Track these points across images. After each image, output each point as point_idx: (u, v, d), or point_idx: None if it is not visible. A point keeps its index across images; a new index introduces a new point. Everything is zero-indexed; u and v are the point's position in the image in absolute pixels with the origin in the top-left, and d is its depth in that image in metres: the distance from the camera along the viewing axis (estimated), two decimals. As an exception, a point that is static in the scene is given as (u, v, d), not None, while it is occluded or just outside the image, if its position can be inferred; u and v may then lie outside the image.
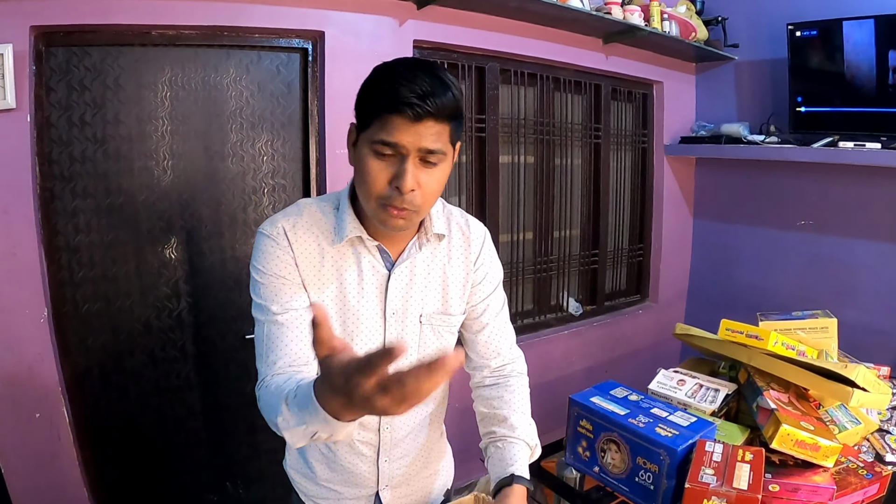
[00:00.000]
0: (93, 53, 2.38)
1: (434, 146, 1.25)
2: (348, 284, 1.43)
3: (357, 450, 1.56)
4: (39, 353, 2.33)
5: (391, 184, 1.26)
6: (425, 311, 1.52)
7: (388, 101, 1.21)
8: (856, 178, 3.65)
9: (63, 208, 2.40)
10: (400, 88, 1.19)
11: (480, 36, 3.27)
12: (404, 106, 1.19)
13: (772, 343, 2.03)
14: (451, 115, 1.26)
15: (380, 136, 1.23)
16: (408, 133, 1.22)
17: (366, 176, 1.27)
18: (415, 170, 1.26)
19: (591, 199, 4.25)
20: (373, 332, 1.47)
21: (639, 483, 1.71)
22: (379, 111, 1.23)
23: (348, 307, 1.44)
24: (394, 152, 1.24)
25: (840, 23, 3.44)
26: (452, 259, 1.56)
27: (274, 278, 1.40)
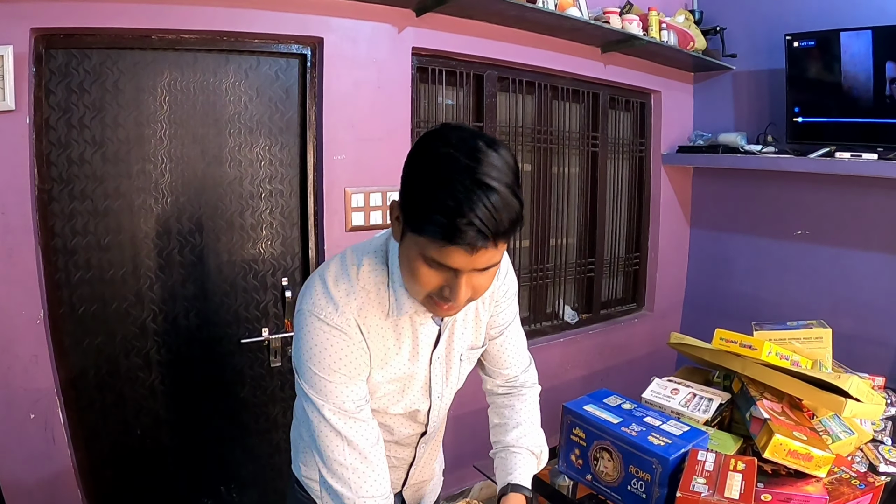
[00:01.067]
0: (92, 56, 2.39)
1: (491, 262, 1.19)
2: (405, 349, 1.42)
3: (391, 464, 1.60)
4: (35, 354, 2.33)
5: (443, 290, 1.21)
6: (464, 348, 1.55)
7: (444, 232, 1.09)
8: (852, 188, 3.67)
9: (61, 210, 2.40)
10: (460, 223, 1.07)
11: (479, 44, 3.28)
12: (463, 241, 1.09)
13: (765, 353, 2.03)
14: (510, 233, 1.16)
15: (433, 255, 1.15)
16: (466, 260, 1.14)
17: (416, 276, 1.21)
18: (467, 282, 1.20)
19: (587, 207, 4.25)
20: (420, 375, 1.47)
21: (631, 491, 1.72)
22: (434, 235, 1.11)
23: (405, 367, 1.43)
24: (447, 269, 1.18)
25: (838, 34, 3.46)
26: (485, 296, 1.53)
27: (346, 378, 1.33)
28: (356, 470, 1.33)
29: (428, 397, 1.52)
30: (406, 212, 1.18)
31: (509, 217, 1.11)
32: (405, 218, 1.19)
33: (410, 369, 1.44)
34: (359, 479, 1.33)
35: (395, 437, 1.57)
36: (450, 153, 1.11)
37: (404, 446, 1.62)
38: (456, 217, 1.07)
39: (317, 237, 2.91)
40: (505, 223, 1.11)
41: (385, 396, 1.45)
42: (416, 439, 1.62)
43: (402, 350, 1.41)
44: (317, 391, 1.33)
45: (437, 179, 1.10)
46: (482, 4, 2.97)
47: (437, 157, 1.12)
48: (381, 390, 1.43)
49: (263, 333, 2.82)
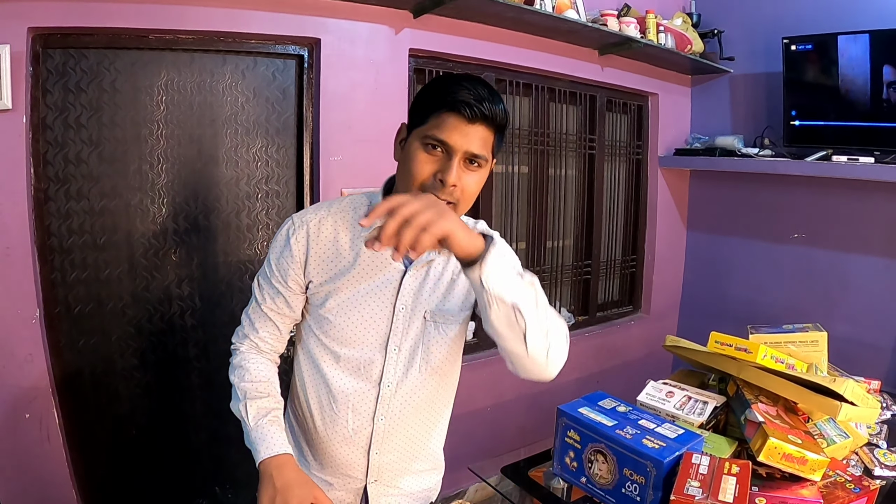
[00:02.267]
0: (89, 56, 2.39)
1: (479, 151, 1.38)
2: (363, 275, 1.54)
3: (350, 439, 1.62)
4: (31, 353, 2.33)
5: (435, 176, 1.37)
6: (429, 309, 1.59)
7: (447, 100, 1.35)
8: (849, 192, 3.67)
9: (57, 210, 2.40)
10: (460, 90, 1.34)
11: (476, 46, 3.28)
12: (462, 105, 1.33)
13: (760, 356, 2.03)
14: (499, 125, 1.41)
15: (433, 132, 1.36)
16: (459, 133, 1.35)
17: (413, 165, 1.39)
18: (459, 168, 1.37)
19: (584, 209, 4.26)
20: (380, 324, 1.57)
21: (625, 494, 1.71)
22: (437, 108, 1.36)
23: (359, 297, 1.55)
24: (443, 150, 1.37)
25: (835, 37, 3.46)
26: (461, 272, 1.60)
27: (278, 276, 1.57)
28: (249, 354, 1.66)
29: (384, 349, 1.57)
30: (412, 119, 1.44)
31: (498, 105, 1.39)
32: (411, 125, 1.45)
33: (367, 298, 1.55)
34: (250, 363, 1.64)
35: (348, 396, 1.60)
36: (445, 75, 1.47)
37: (360, 414, 1.61)
38: (458, 88, 1.35)
39: (313, 238, 2.90)
40: (495, 105, 1.38)
41: (341, 326, 1.56)
42: (371, 405, 1.61)
43: (363, 270, 1.55)
44: (263, 276, 1.61)
45: (441, 82, 1.43)
46: (480, 6, 2.97)
47: (436, 79, 1.49)
48: (334, 317, 1.56)
49: (259, 334, 2.82)
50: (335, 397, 1.60)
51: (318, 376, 1.63)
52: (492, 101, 1.37)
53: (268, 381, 1.62)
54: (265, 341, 1.66)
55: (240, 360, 1.64)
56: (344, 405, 1.60)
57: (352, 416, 1.61)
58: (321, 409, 1.63)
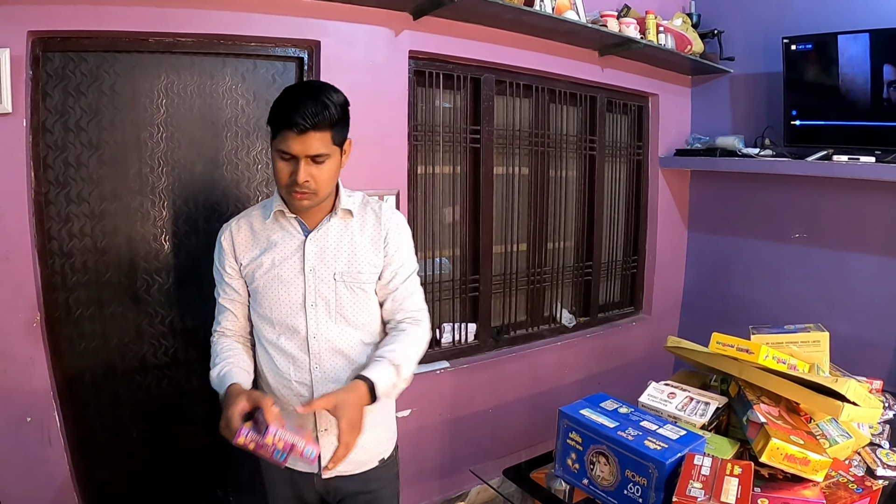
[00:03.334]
0: (89, 59, 2.39)
1: (318, 151, 1.73)
2: (275, 248, 1.91)
3: (297, 392, 1.93)
4: (31, 356, 2.33)
5: (291, 177, 1.75)
6: (338, 270, 1.91)
7: (282, 120, 1.70)
8: (850, 191, 3.67)
9: (57, 213, 2.40)
10: (289, 112, 1.68)
11: (476, 47, 3.28)
12: (292, 124, 1.68)
13: (762, 357, 2.03)
14: (330, 125, 1.73)
15: (280, 146, 1.73)
16: (296, 143, 1.71)
17: (276, 172, 1.78)
18: (306, 167, 1.73)
19: (585, 210, 4.26)
20: (296, 286, 1.90)
21: (627, 496, 1.71)
22: (278, 127, 1.72)
23: (275, 265, 1.90)
24: (290, 156, 1.74)
25: (835, 37, 3.46)
26: (364, 231, 1.96)
27: (220, 269, 1.98)
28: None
29: (303, 306, 1.90)
30: (270, 133, 1.77)
31: (322, 113, 1.69)
32: (270, 138, 1.78)
33: (280, 265, 1.90)
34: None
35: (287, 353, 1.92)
36: (289, 87, 1.83)
37: (299, 367, 1.92)
38: (286, 112, 1.69)
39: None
40: (320, 115, 1.69)
41: (268, 292, 1.91)
42: (305, 357, 1.91)
43: (272, 245, 1.91)
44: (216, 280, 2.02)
45: (279, 99, 1.76)
46: (479, 8, 2.97)
47: (280, 95, 1.78)
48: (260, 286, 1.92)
49: (260, 336, 2.82)
50: (278, 358, 1.93)
51: (263, 344, 1.96)
52: (315, 112, 1.68)
53: (227, 350, 1.95)
54: (227, 328, 2.01)
55: (212, 349, 1.98)
56: (285, 362, 1.92)
57: (293, 370, 1.92)
58: (272, 372, 1.94)
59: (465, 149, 3.51)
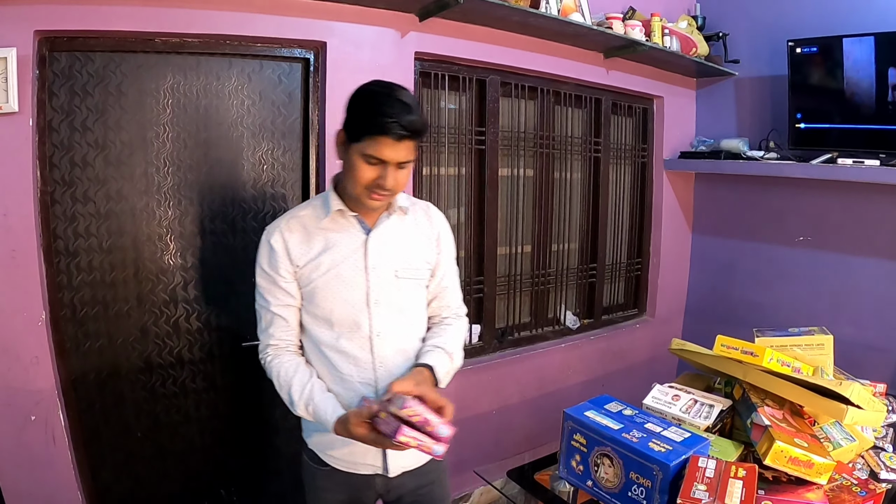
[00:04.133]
0: (96, 59, 2.40)
1: (406, 158, 1.75)
2: (335, 247, 1.88)
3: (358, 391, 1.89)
4: (36, 356, 2.34)
5: (375, 181, 1.75)
6: (399, 267, 1.93)
7: (378, 127, 1.67)
8: (854, 194, 3.66)
9: (63, 212, 2.41)
10: (387, 119, 1.66)
11: (482, 49, 3.28)
12: (390, 130, 1.67)
13: (766, 360, 2.03)
14: (420, 133, 1.74)
15: (370, 151, 1.71)
16: (390, 150, 1.70)
17: (357, 173, 1.75)
18: (393, 172, 1.75)
19: (589, 212, 4.25)
20: (358, 285, 1.88)
21: (631, 498, 1.71)
22: (370, 132, 1.69)
23: (336, 265, 1.87)
24: (378, 161, 1.72)
25: (840, 40, 3.46)
26: (418, 228, 2.01)
27: (273, 274, 1.88)
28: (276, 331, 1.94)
29: (367, 301, 1.88)
30: (349, 131, 1.76)
31: (418, 120, 1.71)
32: (349, 137, 1.76)
33: (342, 266, 1.87)
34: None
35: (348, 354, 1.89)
36: (373, 89, 1.77)
37: (362, 367, 1.90)
38: (384, 117, 1.66)
39: (318, 241, 2.91)
40: (416, 123, 1.70)
41: (329, 292, 1.87)
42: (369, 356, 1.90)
43: (333, 246, 1.88)
44: (260, 287, 1.94)
45: (369, 103, 1.73)
46: (485, 10, 2.97)
47: (367, 92, 1.77)
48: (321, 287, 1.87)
49: (264, 337, 2.82)
50: (338, 360, 1.89)
51: (320, 348, 1.91)
52: (413, 121, 1.68)
53: (296, 369, 1.89)
54: (282, 339, 1.93)
55: (271, 371, 1.91)
56: (346, 364, 1.89)
57: (356, 371, 1.89)
58: (332, 376, 1.90)
59: (471, 150, 3.51)
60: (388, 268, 1.91)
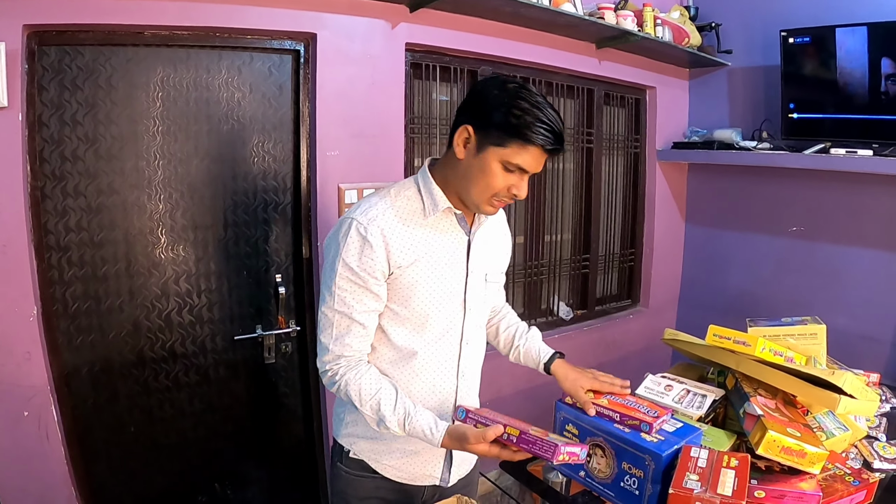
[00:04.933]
0: (85, 53, 2.38)
1: (541, 168, 1.64)
2: (439, 250, 1.72)
3: (439, 398, 1.82)
4: (28, 351, 2.33)
5: (509, 189, 1.62)
6: (489, 270, 1.87)
7: (532, 135, 1.53)
8: (847, 185, 3.67)
9: (54, 207, 2.39)
10: (543, 126, 1.53)
11: (473, 39, 3.27)
12: (546, 142, 1.54)
13: (759, 349, 2.03)
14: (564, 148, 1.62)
15: (515, 160, 1.57)
16: (536, 162, 1.58)
17: (491, 180, 1.60)
18: (526, 183, 1.64)
19: (582, 203, 4.25)
20: (458, 288, 1.77)
21: (624, 488, 1.72)
22: (520, 138, 1.54)
23: (438, 270, 1.72)
24: (517, 169, 1.59)
25: (833, 30, 3.45)
26: (497, 230, 1.95)
27: (362, 282, 1.65)
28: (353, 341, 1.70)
29: (463, 307, 1.79)
30: (488, 132, 1.57)
31: (563, 129, 1.58)
32: (486, 138, 1.58)
33: (444, 269, 1.73)
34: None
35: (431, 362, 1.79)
36: (514, 87, 1.57)
37: (446, 374, 1.82)
38: (540, 125, 1.53)
39: (310, 234, 2.90)
40: (563, 132, 1.58)
41: (429, 297, 1.72)
42: (454, 364, 1.84)
43: (435, 247, 1.72)
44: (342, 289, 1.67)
45: (517, 105, 1.53)
46: (476, 0, 2.96)
47: (507, 91, 1.57)
48: (420, 290, 1.70)
49: (257, 330, 2.82)
50: (424, 368, 1.78)
51: (400, 356, 1.76)
52: (561, 129, 1.57)
53: (378, 381, 1.68)
54: (358, 349, 1.71)
55: (347, 386, 1.68)
56: (432, 372, 1.79)
57: (441, 378, 1.81)
58: (416, 385, 1.78)
59: (463, 142, 3.49)
60: (482, 272, 1.84)
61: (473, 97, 1.66)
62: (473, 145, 1.61)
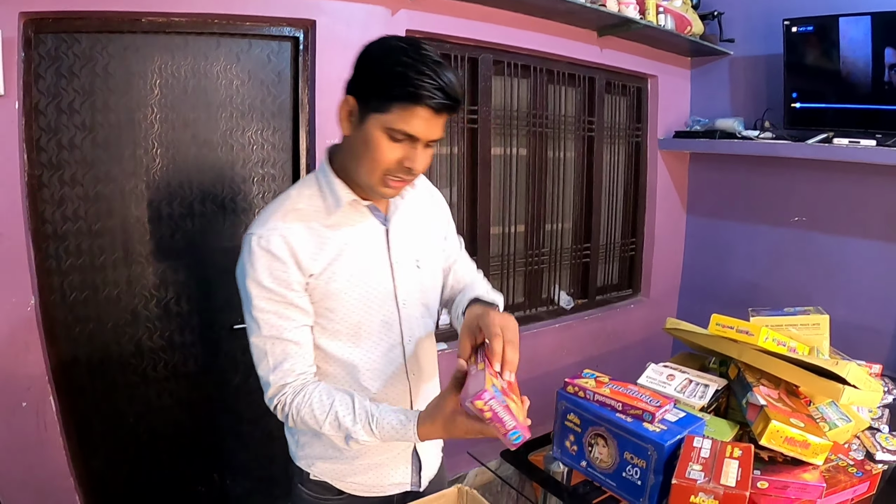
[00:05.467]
0: (82, 40, 2.36)
1: (440, 134, 1.42)
2: (354, 249, 1.54)
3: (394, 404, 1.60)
4: (26, 341, 2.32)
5: (401, 163, 1.41)
6: (419, 256, 1.67)
7: (415, 94, 1.32)
8: (850, 175, 3.65)
9: (51, 196, 2.38)
10: (428, 82, 1.31)
11: (474, 27, 3.25)
12: (431, 99, 1.32)
13: (762, 339, 2.02)
14: (460, 103, 1.41)
15: (400, 126, 1.35)
16: (427, 125, 1.37)
17: (377, 154, 1.39)
18: (423, 153, 1.42)
19: (583, 192, 4.24)
20: (385, 286, 1.59)
21: (626, 478, 1.70)
22: (402, 99, 1.33)
23: (358, 270, 1.54)
24: (407, 138, 1.38)
25: (836, 19, 3.43)
26: (422, 206, 1.74)
27: (281, 297, 1.48)
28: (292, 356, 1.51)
29: (396, 304, 1.62)
30: (367, 99, 1.38)
31: (458, 86, 1.37)
32: (366, 105, 1.39)
33: (365, 266, 1.56)
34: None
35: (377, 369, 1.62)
36: (397, 45, 1.38)
37: (396, 380, 1.66)
38: (423, 80, 1.31)
39: (309, 222, 2.89)
40: (458, 90, 1.37)
41: (353, 302, 1.54)
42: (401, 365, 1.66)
43: (350, 246, 1.53)
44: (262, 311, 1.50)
45: (397, 62, 1.33)
46: (477, -13, 2.95)
47: (388, 49, 1.38)
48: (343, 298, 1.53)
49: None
50: (367, 377, 1.61)
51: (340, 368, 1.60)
52: (454, 84, 1.35)
53: (329, 394, 1.48)
54: (299, 372, 1.51)
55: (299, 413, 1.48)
56: (375, 379, 1.62)
57: (388, 384, 1.64)
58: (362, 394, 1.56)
59: (463, 129, 3.49)
60: (410, 260, 1.64)
61: (356, 63, 1.45)
62: (357, 117, 1.42)
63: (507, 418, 1.28)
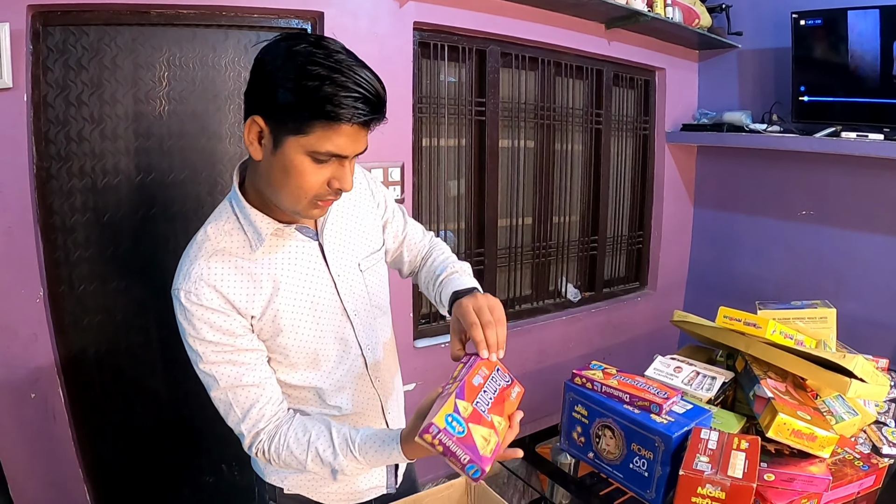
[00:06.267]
0: (90, 33, 2.36)
1: (366, 145, 1.27)
2: (290, 278, 1.41)
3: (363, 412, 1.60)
4: (35, 333, 2.33)
5: (329, 185, 1.26)
6: (360, 257, 1.55)
7: (336, 112, 1.15)
8: (858, 168, 3.64)
9: (59, 188, 2.39)
10: (348, 94, 1.15)
11: (482, 19, 3.25)
12: (356, 114, 1.17)
13: (770, 332, 2.02)
14: (384, 109, 1.25)
15: (325, 147, 1.19)
16: (354, 141, 1.22)
17: (301, 181, 1.23)
18: (351, 169, 1.28)
19: (591, 185, 4.24)
20: (332, 304, 1.48)
21: (633, 469, 1.71)
22: (322, 118, 1.16)
23: (300, 298, 1.42)
24: (331, 157, 1.23)
25: (845, 12, 3.42)
26: (356, 200, 1.58)
27: (230, 347, 1.37)
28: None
29: (346, 317, 1.51)
30: (280, 119, 1.20)
31: (382, 87, 1.21)
32: (280, 127, 1.20)
33: (308, 289, 1.43)
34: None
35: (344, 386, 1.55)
36: (303, 49, 1.17)
37: (362, 394, 1.59)
38: (343, 94, 1.14)
39: (317, 215, 2.89)
40: (381, 93, 1.21)
41: (304, 332, 1.44)
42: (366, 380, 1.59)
43: (286, 275, 1.40)
44: (215, 367, 1.41)
45: (307, 74, 1.14)
46: (485, -21, 2.94)
47: (293, 57, 1.17)
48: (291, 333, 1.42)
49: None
50: (334, 398, 1.54)
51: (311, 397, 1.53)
52: (376, 89, 1.20)
53: (303, 428, 1.39)
54: (270, 414, 1.41)
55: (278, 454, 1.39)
56: (344, 398, 1.55)
57: (354, 401, 1.57)
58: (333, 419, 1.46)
59: (471, 121, 3.48)
60: (352, 267, 1.52)
61: (255, 76, 1.27)
62: (269, 140, 1.24)
63: (460, 451, 1.11)
